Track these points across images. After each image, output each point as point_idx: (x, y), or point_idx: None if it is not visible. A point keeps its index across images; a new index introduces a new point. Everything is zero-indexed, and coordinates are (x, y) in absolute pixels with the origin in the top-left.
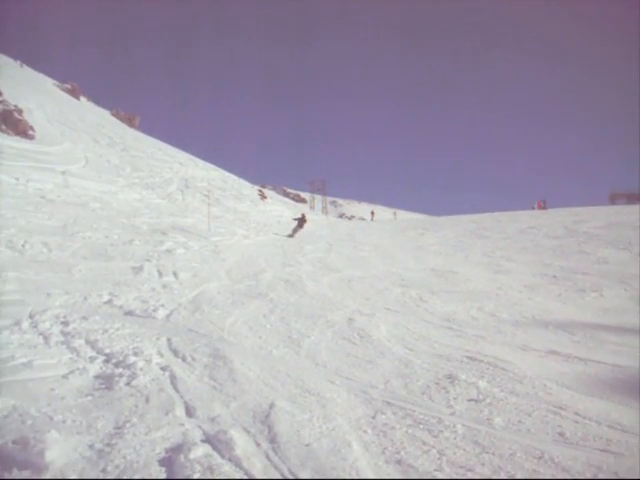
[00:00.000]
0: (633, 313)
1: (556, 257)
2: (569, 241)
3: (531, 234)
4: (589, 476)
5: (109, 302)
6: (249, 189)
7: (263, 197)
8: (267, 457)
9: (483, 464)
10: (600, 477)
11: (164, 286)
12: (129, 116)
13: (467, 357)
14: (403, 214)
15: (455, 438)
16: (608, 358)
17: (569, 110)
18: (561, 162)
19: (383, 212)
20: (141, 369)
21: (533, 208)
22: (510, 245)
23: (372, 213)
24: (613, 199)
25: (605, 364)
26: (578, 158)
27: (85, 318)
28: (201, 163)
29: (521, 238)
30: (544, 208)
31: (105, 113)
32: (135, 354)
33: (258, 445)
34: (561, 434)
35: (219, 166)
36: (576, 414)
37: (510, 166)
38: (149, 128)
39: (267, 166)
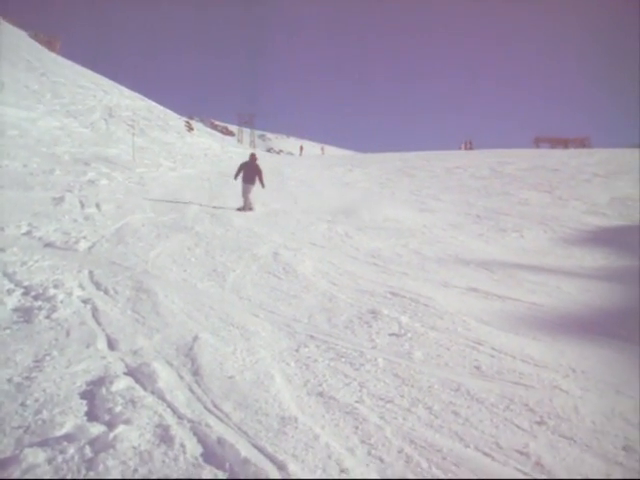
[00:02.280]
0: (551, 254)
1: (480, 197)
2: (493, 182)
3: (457, 174)
4: (502, 408)
5: (28, 233)
6: (176, 120)
7: (190, 129)
8: (190, 389)
9: (402, 396)
10: (512, 408)
11: (86, 218)
12: (49, 39)
13: (390, 293)
14: (331, 150)
15: (376, 371)
16: (525, 296)
17: (499, 54)
18: (489, 104)
19: (311, 147)
20: (61, 302)
21: (460, 148)
22: (436, 184)
23: (301, 148)
24: (537, 142)
25: (522, 302)
26: (505, 101)
27: (2, 250)
28: (126, 91)
29: (447, 178)
30: (470, 149)
31: (22, 34)
32: (55, 287)
33: (181, 378)
34: (477, 367)
35: (145, 95)
36: (492, 349)
37: (439, 105)
38: (71, 53)
39: (194, 97)
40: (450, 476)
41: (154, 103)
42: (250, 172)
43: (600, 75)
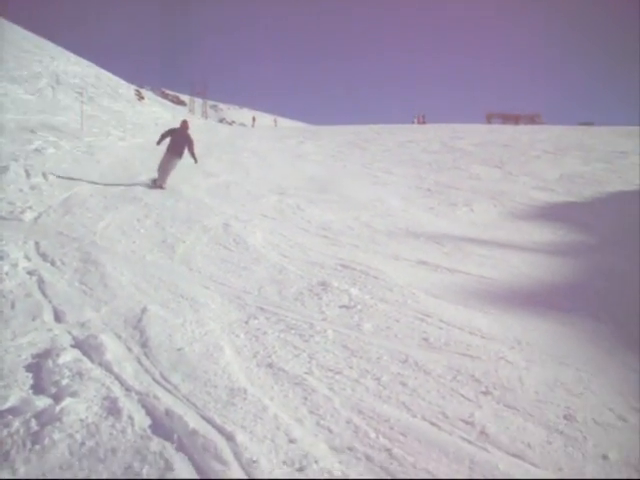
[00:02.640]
0: (500, 228)
1: (432, 171)
2: (445, 156)
3: (409, 148)
4: (449, 379)
5: None
6: (125, 88)
7: (140, 97)
8: (138, 361)
9: (351, 367)
10: (459, 379)
11: (32, 187)
12: None
13: (341, 265)
14: (284, 122)
15: (325, 342)
16: (474, 269)
17: (452, 32)
18: (443, 78)
19: (264, 119)
20: (6, 274)
21: (413, 122)
22: (388, 157)
23: (253, 119)
24: (489, 118)
25: (471, 274)
26: (458, 78)
27: None
28: (74, 58)
29: (399, 151)
30: (423, 123)
31: None
32: (0, 258)
33: (129, 350)
34: (425, 339)
35: (94, 62)
36: (441, 321)
37: (392, 79)
38: (17, 17)
39: (145, 66)
40: (397, 445)
41: (103, 70)
42: (179, 142)
43: (554, 55)
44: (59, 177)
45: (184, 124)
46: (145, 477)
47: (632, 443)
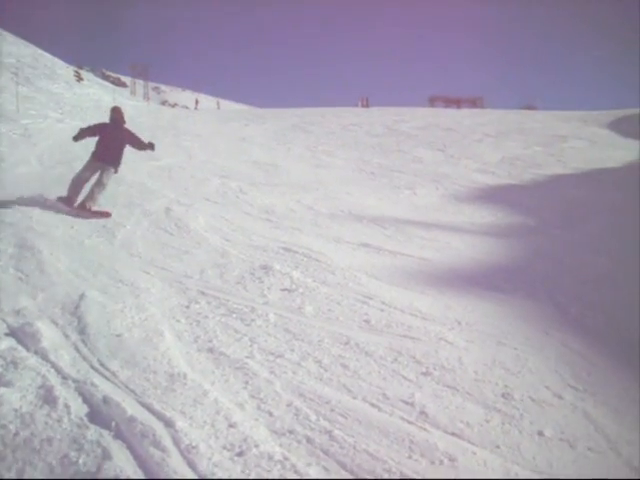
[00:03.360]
0: (442, 210)
1: (375, 154)
2: (388, 140)
3: (353, 131)
4: (389, 360)
5: None
6: (64, 69)
7: (79, 79)
8: (76, 349)
9: (293, 350)
10: (400, 360)
11: None
12: None
13: (283, 248)
14: (227, 104)
15: (267, 326)
16: (415, 251)
17: (396, 14)
18: (387, 63)
19: (207, 101)
20: None
21: (357, 105)
22: (332, 141)
23: (196, 102)
24: (432, 102)
25: (412, 257)
26: (403, 61)
27: None
28: (10, 37)
29: (343, 134)
30: (367, 106)
31: None
32: None
33: (67, 337)
34: (367, 321)
35: (31, 42)
36: (382, 303)
37: (336, 61)
38: None
39: (85, 46)
40: (337, 427)
41: (40, 51)
42: (112, 143)
43: (497, 41)
44: None
45: (117, 112)
46: (81, 466)
47: (567, 419)
